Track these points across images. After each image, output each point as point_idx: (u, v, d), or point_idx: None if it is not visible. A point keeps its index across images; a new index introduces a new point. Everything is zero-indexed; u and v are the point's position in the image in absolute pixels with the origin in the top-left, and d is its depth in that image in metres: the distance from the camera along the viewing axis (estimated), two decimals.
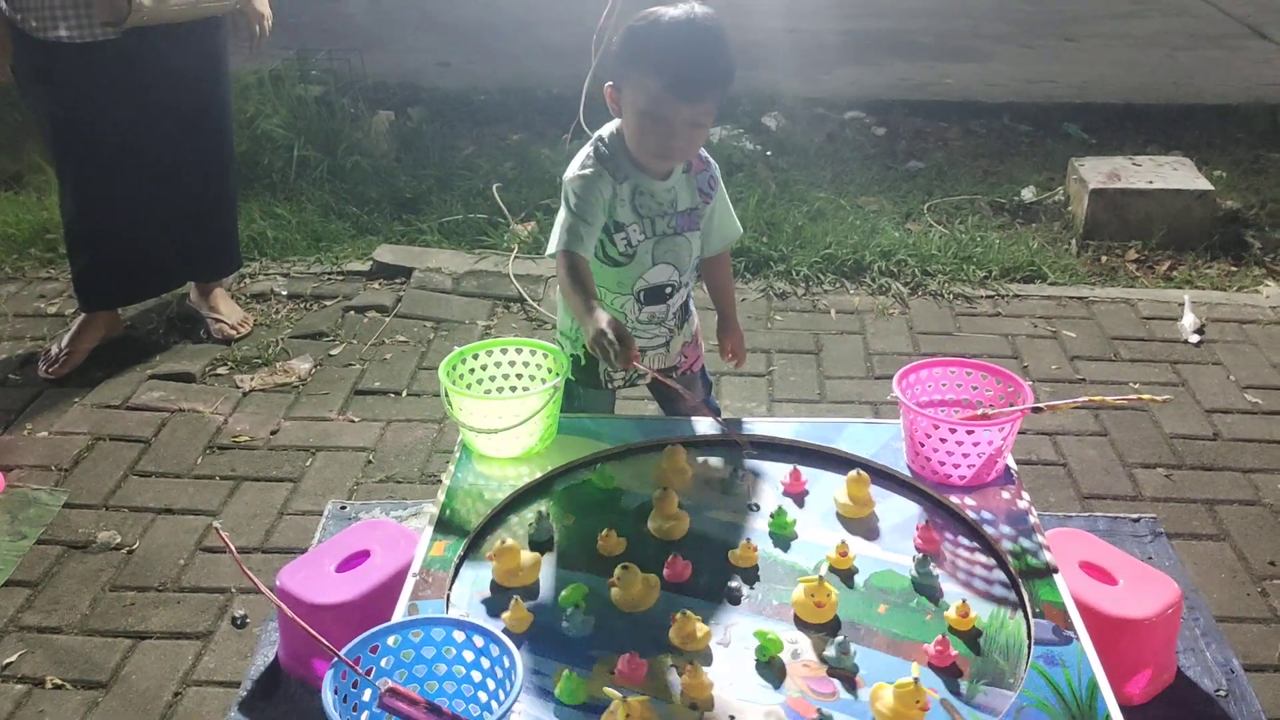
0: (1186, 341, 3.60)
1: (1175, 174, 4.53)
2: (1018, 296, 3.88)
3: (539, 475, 2.18)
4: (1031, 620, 1.83)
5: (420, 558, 1.97)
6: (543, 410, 2.19)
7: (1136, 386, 3.35)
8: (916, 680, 1.59)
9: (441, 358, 3.45)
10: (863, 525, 2.05)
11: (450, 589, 1.91)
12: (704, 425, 2.33)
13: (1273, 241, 4.52)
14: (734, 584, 1.89)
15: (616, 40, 2.11)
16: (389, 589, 2.25)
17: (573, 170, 2.22)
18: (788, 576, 1.91)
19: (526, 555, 1.87)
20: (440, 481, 2.87)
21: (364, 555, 2.34)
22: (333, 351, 3.52)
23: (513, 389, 2.36)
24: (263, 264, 4.02)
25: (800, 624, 1.81)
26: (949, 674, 1.71)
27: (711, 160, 2.35)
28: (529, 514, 2.04)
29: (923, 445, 2.13)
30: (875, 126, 5.66)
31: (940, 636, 1.73)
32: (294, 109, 4.68)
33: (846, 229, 4.19)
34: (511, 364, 2.35)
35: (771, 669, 1.71)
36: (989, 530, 2.04)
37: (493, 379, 2.35)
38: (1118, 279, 4.14)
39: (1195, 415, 3.20)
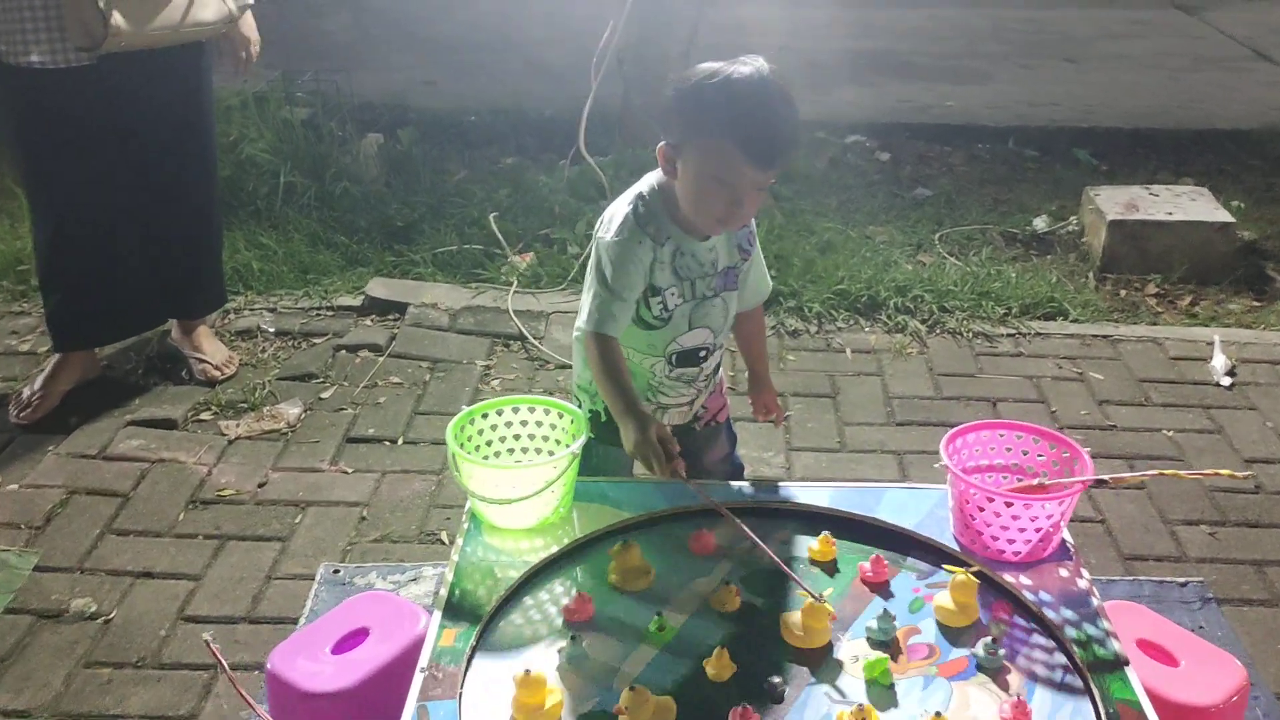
0: (1218, 384, 3.45)
1: (1194, 204, 4.39)
2: (1039, 335, 3.72)
3: (555, 550, 2.00)
4: None
5: (429, 649, 1.78)
6: (560, 478, 2.01)
7: (1171, 434, 3.19)
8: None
9: (438, 401, 3.31)
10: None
11: (462, 686, 1.72)
12: (726, 490, 2.16)
13: None
14: (775, 679, 1.71)
15: (678, 97, 1.95)
16: (390, 674, 2.06)
17: (609, 234, 2.05)
18: (764, 648, 1.78)
19: None
20: (439, 541, 2.72)
21: (362, 634, 2.15)
22: (323, 395, 3.32)
23: (524, 450, 2.18)
24: (248, 298, 3.83)
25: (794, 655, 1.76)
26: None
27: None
28: None
29: (974, 519, 1.96)
30: (879, 151, 5.51)
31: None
32: (279, 132, 4.49)
33: (859, 262, 4.02)
34: (524, 424, 2.17)
35: (888, 686, 1.69)
36: (1050, 615, 1.87)
37: (503, 440, 2.17)
38: (1139, 315, 4.00)
39: (1234, 466, 3.02)
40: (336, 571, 2.60)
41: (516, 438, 2.18)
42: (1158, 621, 2.21)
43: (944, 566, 1.83)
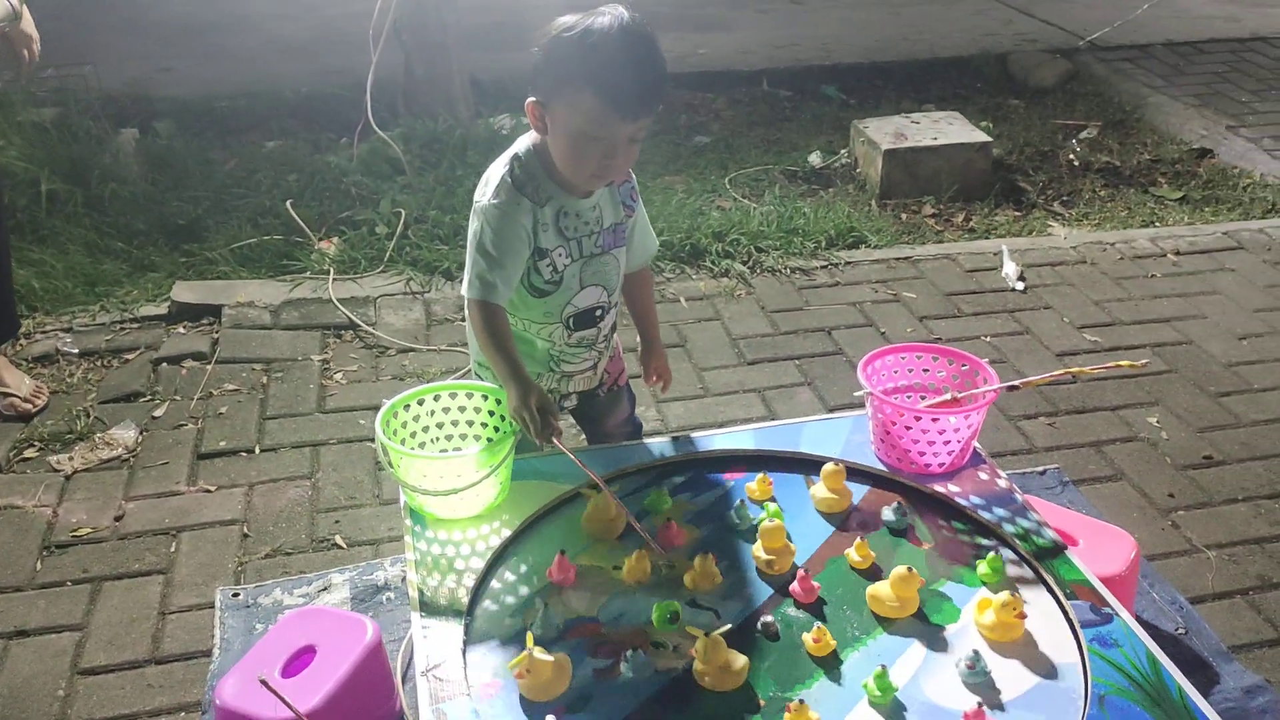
0: (1014, 289, 3.77)
1: (953, 128, 4.75)
2: (849, 264, 3.93)
3: (509, 533, 1.97)
4: (1067, 604, 1.83)
5: (421, 650, 1.73)
6: (505, 459, 1.98)
7: (989, 339, 3.48)
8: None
9: (285, 403, 3.15)
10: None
11: (469, 683, 1.68)
12: (650, 450, 2.19)
13: (1039, 184, 4.84)
14: (768, 618, 1.78)
15: (540, 52, 1.91)
16: (353, 688, 1.99)
17: (485, 197, 2.01)
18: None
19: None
20: (336, 545, 2.62)
21: (309, 652, 2.05)
22: (155, 413, 3.08)
23: (449, 438, 2.13)
24: (36, 320, 3.47)
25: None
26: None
27: (631, 171, 2.18)
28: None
29: (901, 438, 2.09)
30: None
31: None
32: (29, 137, 4.06)
33: (672, 213, 4.11)
34: (446, 410, 2.12)
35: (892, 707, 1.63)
36: (985, 516, 2.02)
37: (426, 430, 2.11)
38: (924, 235, 4.30)
39: (1049, 360, 3.36)
40: (236, 595, 2.44)
41: (440, 426, 2.12)
42: (1048, 507, 2.42)
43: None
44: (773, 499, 2.03)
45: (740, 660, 1.65)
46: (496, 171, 2.03)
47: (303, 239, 3.95)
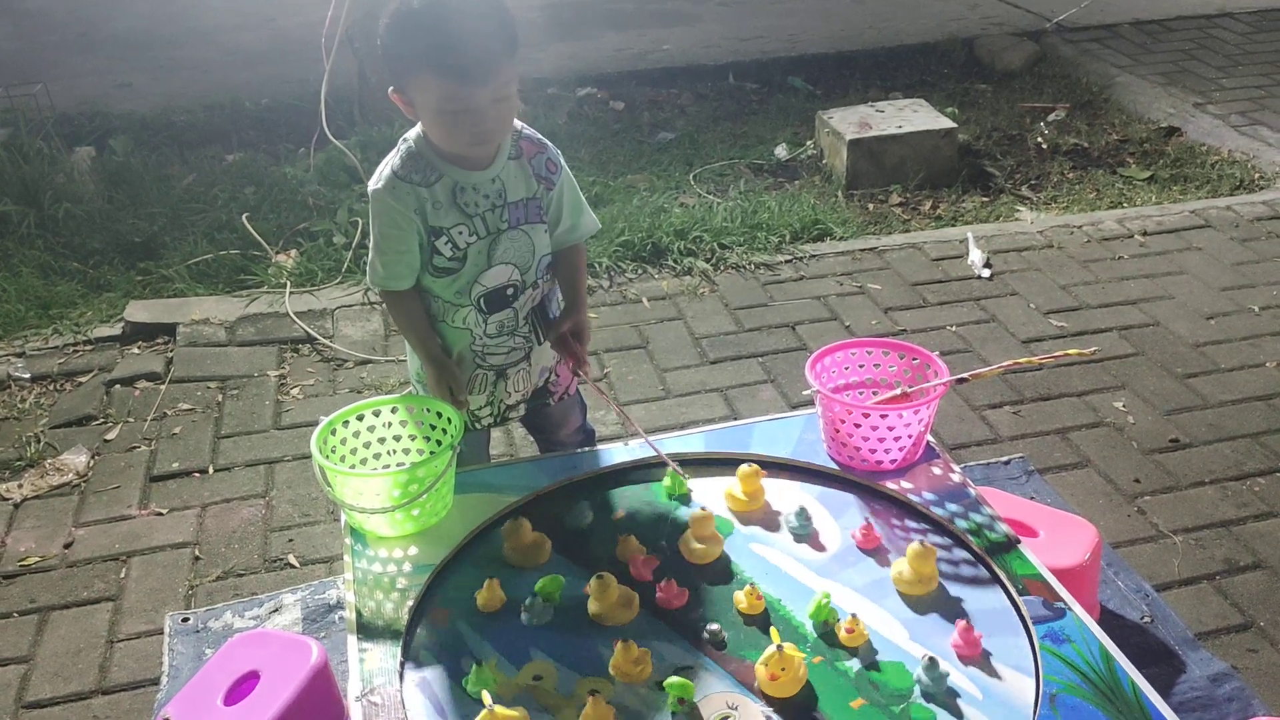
0: (980, 277, 3.73)
1: (917, 115, 4.70)
2: (814, 257, 3.89)
3: (451, 550, 1.93)
4: (1019, 599, 1.79)
5: (357, 675, 1.69)
6: (445, 472, 1.94)
7: (954, 329, 3.43)
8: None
9: (240, 421, 3.11)
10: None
11: (404, 706, 1.64)
12: (601, 455, 2.15)
13: (1008, 169, 4.80)
14: (713, 626, 1.74)
15: (381, 43, 1.87)
16: (297, 713, 1.93)
17: (371, 182, 1.99)
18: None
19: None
20: (289, 565, 2.57)
21: (253, 678, 2.00)
22: (108, 436, 3.03)
23: (390, 453, 2.08)
24: None
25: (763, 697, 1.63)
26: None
27: (548, 142, 2.09)
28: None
29: (851, 436, 2.05)
30: (612, 101, 5.56)
31: (963, 623, 1.71)
32: None
33: (633, 212, 4.06)
34: (388, 425, 2.08)
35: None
36: (938, 512, 1.98)
37: (367, 446, 2.07)
38: (891, 224, 4.26)
39: (1015, 347, 3.32)
40: (186, 620, 2.39)
41: (381, 441, 2.08)
42: (1009, 499, 2.38)
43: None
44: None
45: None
46: (388, 158, 2.01)
47: (260, 253, 3.90)
